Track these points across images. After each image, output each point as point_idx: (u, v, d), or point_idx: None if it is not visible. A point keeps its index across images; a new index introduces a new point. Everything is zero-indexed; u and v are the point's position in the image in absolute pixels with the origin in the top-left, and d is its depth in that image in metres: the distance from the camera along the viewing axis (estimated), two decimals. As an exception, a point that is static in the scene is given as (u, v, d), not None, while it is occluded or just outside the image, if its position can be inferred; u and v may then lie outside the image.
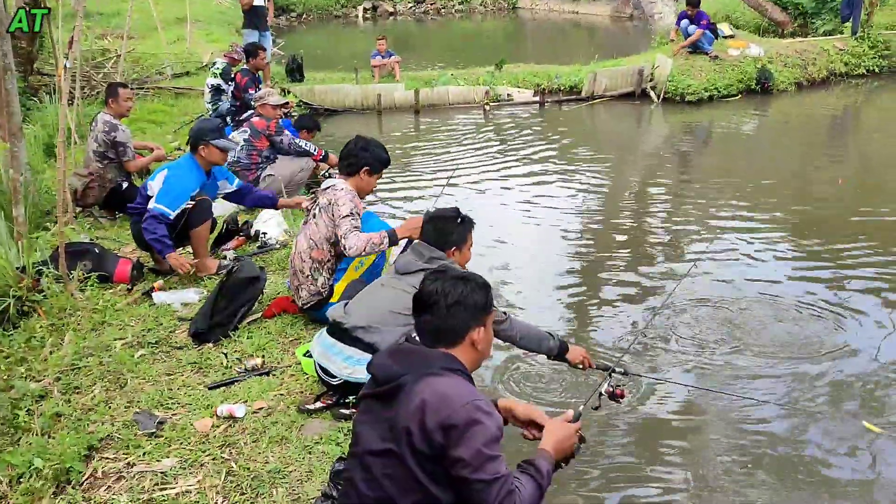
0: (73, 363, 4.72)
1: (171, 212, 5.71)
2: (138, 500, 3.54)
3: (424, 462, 2.48)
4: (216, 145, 5.89)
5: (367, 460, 2.58)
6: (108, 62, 14.20)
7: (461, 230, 4.13)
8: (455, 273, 2.80)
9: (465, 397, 2.52)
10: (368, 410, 2.66)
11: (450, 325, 2.70)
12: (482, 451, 2.46)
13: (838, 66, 16.67)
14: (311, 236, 5.07)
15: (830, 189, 10.09)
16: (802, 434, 4.87)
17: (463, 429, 2.46)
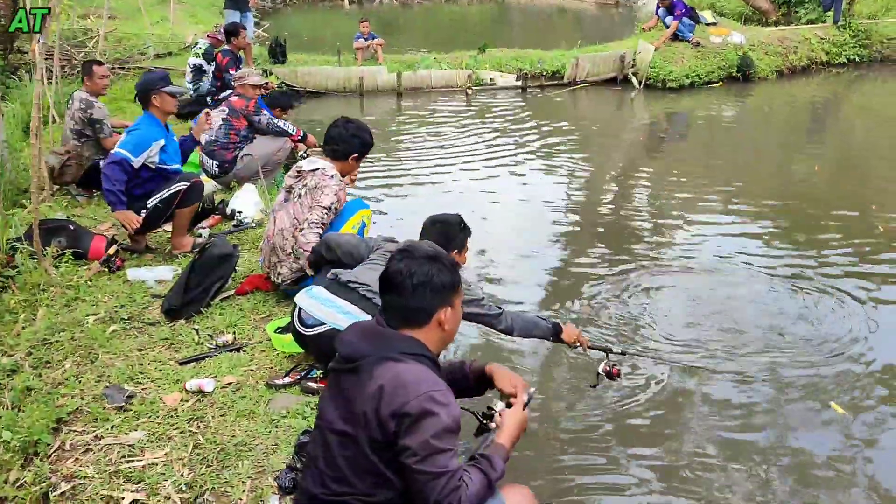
0: (45, 338, 4.73)
1: (133, 157, 5.73)
2: (105, 471, 3.58)
3: (378, 448, 2.49)
4: (167, 91, 5.93)
5: (327, 438, 2.60)
6: (90, 41, 14.12)
7: (462, 236, 4.32)
8: (422, 252, 2.75)
9: (422, 386, 2.50)
10: (334, 386, 2.68)
11: (416, 306, 2.66)
12: (431, 442, 2.44)
13: (819, 54, 16.76)
14: (296, 215, 5.10)
15: (808, 175, 10.18)
16: (776, 411, 4.96)
17: (415, 418, 2.45)
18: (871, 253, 7.36)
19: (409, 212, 8.35)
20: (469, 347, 5.69)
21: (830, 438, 4.70)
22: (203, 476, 3.55)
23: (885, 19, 18.03)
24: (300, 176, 5.22)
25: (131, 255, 6.12)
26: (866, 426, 4.80)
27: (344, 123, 5.20)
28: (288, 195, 5.25)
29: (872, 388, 5.21)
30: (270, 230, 5.26)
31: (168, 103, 5.98)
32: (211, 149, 7.90)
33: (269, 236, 5.26)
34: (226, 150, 7.91)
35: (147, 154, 5.81)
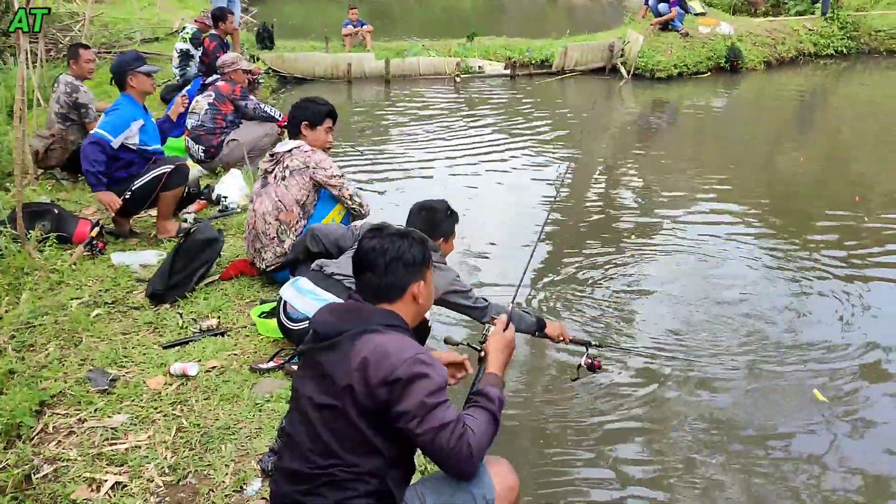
0: (28, 321, 4.71)
1: (111, 137, 5.73)
2: (88, 454, 3.57)
3: (369, 417, 2.51)
4: (141, 71, 5.93)
5: (310, 415, 2.60)
6: (76, 25, 14.03)
7: (450, 222, 4.33)
8: (392, 230, 2.81)
9: (406, 352, 2.54)
10: (310, 366, 2.69)
11: (390, 282, 2.71)
12: (426, 401, 2.48)
13: (807, 46, 16.84)
14: (279, 198, 5.07)
15: (793, 166, 10.23)
16: (758, 399, 4.98)
17: (406, 382, 2.48)
18: (855, 244, 7.40)
19: (395, 200, 8.36)
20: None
21: (812, 425, 4.72)
22: (186, 459, 3.55)
23: (873, 11, 18.10)
24: (276, 159, 5.19)
25: (116, 239, 6.10)
26: (847, 413, 4.83)
27: (296, 104, 5.30)
28: (265, 180, 5.22)
29: (854, 374, 5.24)
30: (252, 217, 5.23)
31: (144, 83, 5.96)
32: (197, 134, 7.87)
33: (251, 223, 5.23)
34: (212, 135, 7.88)
35: (126, 134, 5.80)
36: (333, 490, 2.53)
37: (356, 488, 2.52)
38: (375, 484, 2.54)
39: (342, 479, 2.52)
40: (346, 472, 2.52)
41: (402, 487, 2.60)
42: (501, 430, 2.67)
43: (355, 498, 2.52)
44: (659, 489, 4.19)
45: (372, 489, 2.54)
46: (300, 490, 2.58)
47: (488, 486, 2.64)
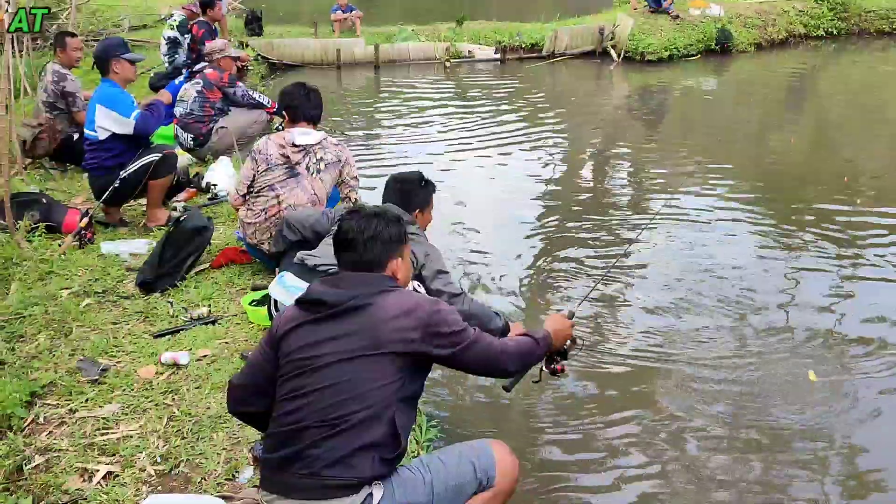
0: (18, 312, 4.70)
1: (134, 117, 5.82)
2: (79, 444, 3.57)
3: (398, 362, 2.66)
4: (126, 58, 5.91)
5: (319, 375, 2.65)
6: (63, 13, 13.93)
7: (425, 193, 4.26)
8: (369, 210, 2.94)
9: (425, 300, 2.81)
10: (313, 334, 2.71)
11: (369, 259, 2.84)
12: (458, 330, 2.78)
13: (797, 27, 16.83)
14: (315, 191, 5.04)
15: (784, 148, 10.23)
16: (753, 380, 4.96)
17: (437, 323, 2.73)
18: (846, 224, 7.41)
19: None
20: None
21: (807, 407, 4.72)
22: (178, 448, 3.56)
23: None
24: (305, 150, 5.08)
25: (105, 228, 6.09)
26: (841, 393, 4.83)
27: (307, 90, 5.25)
28: (293, 171, 5.07)
29: (848, 353, 5.25)
30: (272, 205, 5.05)
31: (127, 70, 5.94)
32: (186, 122, 7.84)
33: (271, 211, 5.05)
34: (200, 123, 7.85)
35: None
36: (343, 439, 2.59)
37: (365, 436, 2.60)
38: (385, 429, 2.62)
39: (354, 425, 2.59)
40: (361, 414, 2.60)
41: (405, 435, 2.71)
42: (497, 419, 2.71)
43: (363, 449, 2.59)
44: (654, 477, 4.18)
45: (380, 436, 2.61)
46: (308, 444, 2.60)
47: (490, 463, 2.79)
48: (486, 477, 2.75)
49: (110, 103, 5.76)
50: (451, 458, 2.79)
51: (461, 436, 4.09)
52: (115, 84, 5.86)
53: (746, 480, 4.08)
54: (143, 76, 10.53)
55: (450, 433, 4.23)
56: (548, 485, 4.05)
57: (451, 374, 5.04)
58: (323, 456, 2.58)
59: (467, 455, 2.79)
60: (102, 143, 5.83)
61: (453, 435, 4.19)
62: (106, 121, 5.78)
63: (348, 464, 2.57)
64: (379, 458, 2.61)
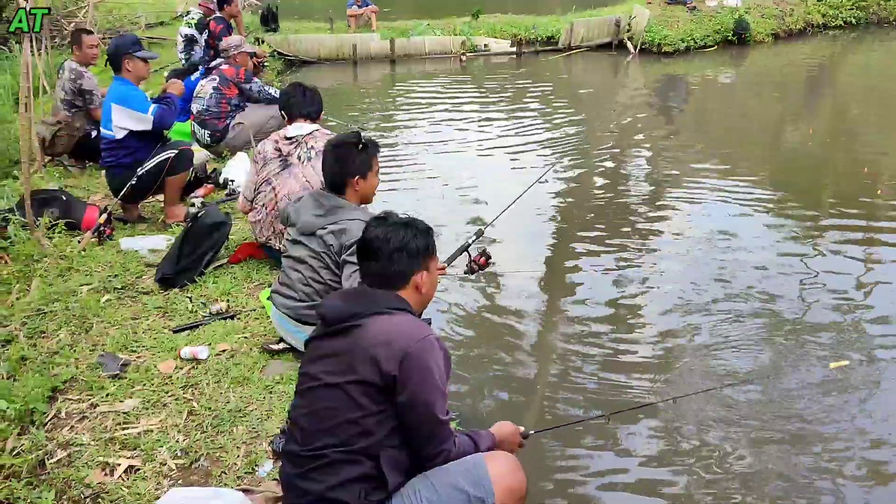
0: (39, 308, 4.74)
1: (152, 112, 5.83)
2: (100, 438, 3.59)
3: (372, 394, 2.53)
4: (139, 56, 5.93)
5: (310, 396, 2.63)
6: (80, 11, 14.01)
7: (364, 157, 3.97)
8: (397, 219, 2.84)
9: (417, 332, 2.59)
10: (317, 350, 2.71)
11: (393, 271, 2.75)
12: (429, 385, 2.54)
13: (816, 17, 16.72)
14: (307, 179, 5.03)
15: (802, 139, 10.17)
16: (774, 379, 4.92)
17: (416, 362, 2.52)
18: (866, 214, 7.36)
19: (401, 182, 8.36)
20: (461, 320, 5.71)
21: (829, 397, 4.69)
22: (198, 442, 3.57)
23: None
24: (296, 142, 5.15)
25: (124, 224, 6.12)
26: (864, 383, 4.80)
27: (303, 88, 5.28)
28: (286, 161, 5.14)
29: (872, 344, 5.21)
30: (270, 199, 5.13)
31: (140, 68, 5.95)
32: (202, 118, 7.87)
33: (270, 205, 5.13)
34: (217, 119, 7.88)
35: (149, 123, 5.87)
36: (326, 474, 2.54)
37: (349, 472, 2.53)
38: (369, 467, 2.54)
39: (335, 461, 2.53)
40: (340, 453, 2.53)
41: (395, 472, 2.58)
42: (510, 412, 2.70)
43: (348, 483, 2.52)
44: (675, 474, 4.16)
45: (365, 472, 2.53)
46: (296, 474, 2.60)
47: (486, 488, 2.60)
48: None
49: (125, 101, 5.78)
50: (444, 487, 2.60)
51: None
52: (127, 82, 5.89)
53: (768, 472, 4.07)
54: (159, 73, 10.56)
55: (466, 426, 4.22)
56: (564, 483, 4.05)
57: (467, 364, 5.07)
58: (310, 489, 2.55)
59: (461, 483, 2.60)
60: (120, 142, 5.85)
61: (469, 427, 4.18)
62: (123, 119, 5.80)
63: (334, 498, 2.52)
64: (366, 490, 2.54)
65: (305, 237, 4.04)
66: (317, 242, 3.96)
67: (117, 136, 5.84)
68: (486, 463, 2.66)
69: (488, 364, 5.12)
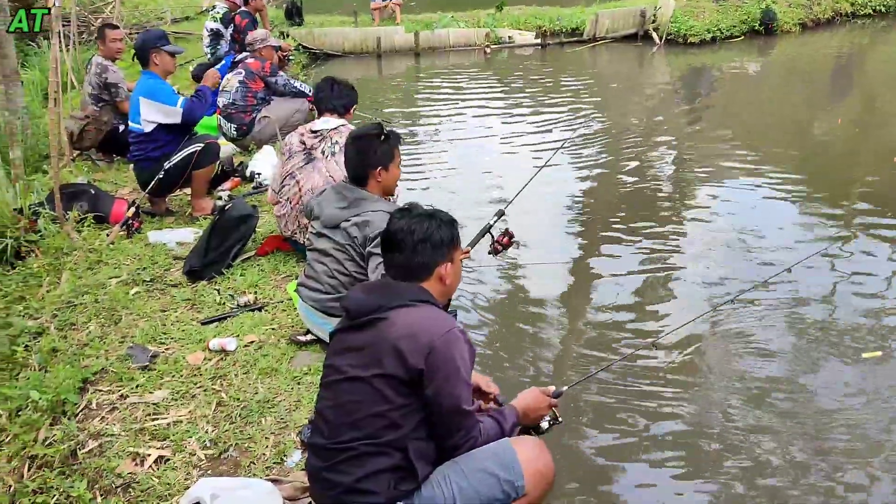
0: (69, 301, 4.80)
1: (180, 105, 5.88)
2: (131, 429, 3.63)
3: (398, 388, 2.54)
4: (166, 50, 5.96)
5: (336, 389, 2.64)
6: (107, 7, 14.12)
7: (385, 148, 3.98)
8: (421, 210, 2.84)
9: (442, 324, 2.59)
10: (341, 343, 2.72)
11: (417, 262, 2.75)
12: (455, 378, 2.55)
13: (844, 6, 16.50)
14: (330, 174, 5.03)
15: (830, 129, 10.06)
16: (805, 370, 4.88)
17: (441, 355, 2.52)
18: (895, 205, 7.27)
19: (426, 175, 8.36)
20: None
21: (858, 391, 4.65)
22: (227, 432, 3.60)
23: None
24: (320, 135, 5.16)
25: (152, 217, 6.17)
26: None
27: (332, 82, 5.25)
28: (311, 156, 5.17)
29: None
30: (294, 193, 5.16)
31: (168, 62, 5.99)
32: (229, 112, 7.91)
33: (294, 199, 5.17)
34: (244, 113, 7.91)
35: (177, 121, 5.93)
36: (354, 466, 2.55)
37: (377, 463, 2.54)
38: (398, 458, 2.55)
39: (363, 454, 2.54)
40: (367, 446, 2.54)
41: (424, 463, 2.60)
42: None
43: (376, 474, 2.53)
44: (700, 462, 4.16)
45: (394, 464, 2.55)
46: (324, 466, 2.61)
47: (516, 471, 2.65)
48: (513, 489, 2.63)
49: (153, 95, 5.82)
50: (474, 472, 2.63)
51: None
52: (155, 76, 5.92)
53: (795, 466, 4.04)
54: (184, 68, 10.61)
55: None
56: (591, 477, 4.05)
57: (497, 347, 5.08)
58: (339, 481, 2.56)
59: (490, 467, 2.63)
60: (148, 135, 5.89)
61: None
62: (152, 113, 5.84)
63: (363, 489, 2.53)
64: (395, 480, 2.55)
65: (329, 230, 4.04)
66: (341, 235, 3.97)
67: (145, 129, 5.87)
68: (514, 447, 2.68)
69: (511, 357, 5.12)
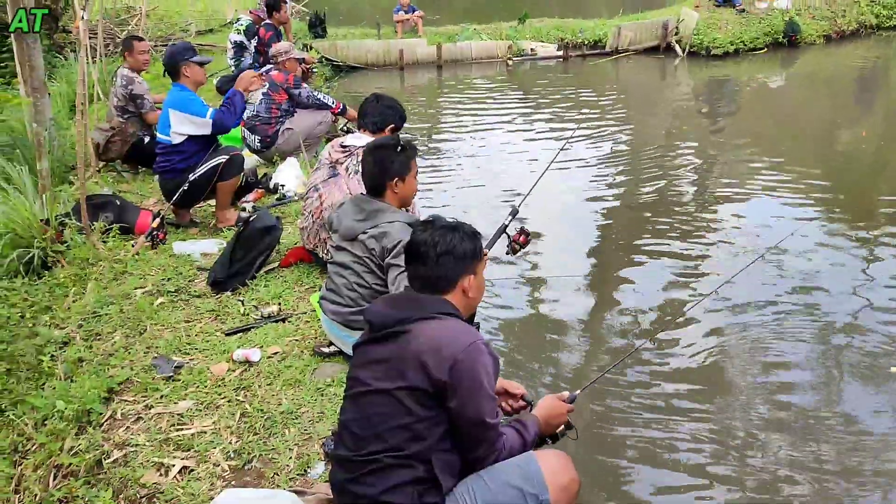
0: (94, 311, 4.83)
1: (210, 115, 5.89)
2: (155, 439, 3.64)
3: (422, 400, 2.54)
4: (196, 61, 6.01)
5: (360, 401, 2.64)
6: (133, 19, 14.27)
7: (403, 159, 3.98)
8: (444, 222, 2.84)
9: (466, 337, 2.59)
10: (364, 355, 2.72)
11: (440, 274, 2.75)
12: (479, 391, 2.55)
13: (869, 18, 16.40)
14: (350, 191, 5.00)
15: (855, 141, 9.99)
16: (830, 383, 4.86)
17: (466, 367, 2.53)
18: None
19: (445, 187, 8.37)
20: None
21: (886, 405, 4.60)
22: (251, 443, 3.60)
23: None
24: (348, 151, 5.14)
25: (176, 229, 6.21)
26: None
27: (376, 98, 5.16)
28: (334, 171, 5.17)
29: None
30: (316, 207, 5.17)
31: (198, 73, 6.04)
32: (252, 124, 7.96)
33: (315, 212, 5.17)
34: (267, 125, 7.95)
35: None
36: (379, 477, 2.55)
37: (402, 475, 2.54)
38: (422, 470, 2.55)
39: (388, 466, 2.54)
40: (392, 458, 2.54)
41: (448, 476, 2.60)
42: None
43: (401, 486, 2.53)
44: (722, 472, 4.13)
45: (418, 476, 2.55)
46: (348, 479, 2.61)
47: (540, 484, 2.65)
48: (538, 502, 2.63)
49: (183, 106, 5.86)
50: (498, 485, 2.63)
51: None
52: (185, 88, 5.97)
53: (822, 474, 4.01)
54: (209, 80, 10.67)
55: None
56: (616, 482, 4.03)
57: (516, 354, 5.06)
58: (364, 493, 2.56)
59: (515, 481, 2.64)
60: (176, 147, 5.93)
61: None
62: (182, 125, 5.88)
63: (388, 501, 2.53)
64: (420, 493, 2.55)
65: (348, 242, 4.05)
66: (359, 247, 3.98)
67: (174, 141, 5.92)
68: (538, 460, 2.68)
69: (528, 368, 5.12)
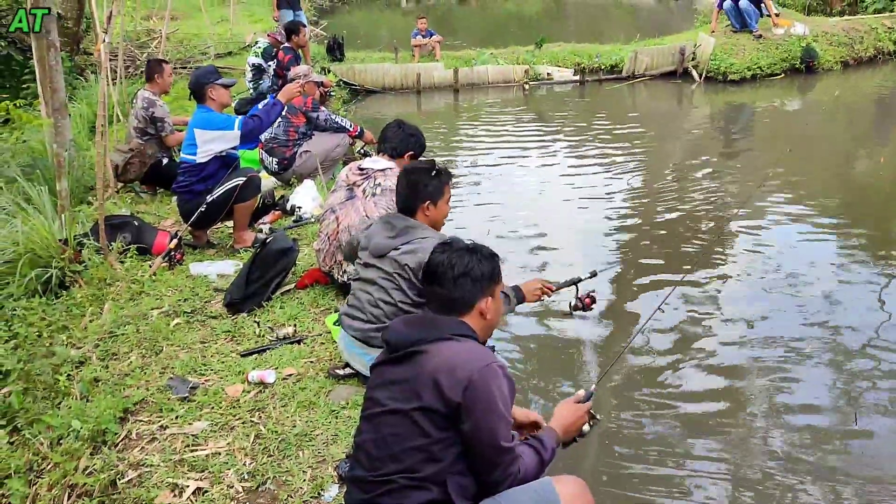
0: (111, 331, 4.85)
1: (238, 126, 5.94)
2: (170, 460, 3.65)
3: (437, 421, 2.54)
4: (221, 84, 6.08)
5: (376, 422, 2.65)
6: (153, 42, 14.42)
7: (437, 183, 4.02)
8: (461, 244, 2.85)
9: (481, 359, 2.59)
10: (381, 375, 2.73)
11: (457, 296, 2.76)
12: (494, 413, 2.54)
13: (887, 44, 16.32)
14: (367, 213, 5.02)
15: (873, 168, 9.95)
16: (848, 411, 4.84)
17: (480, 389, 2.52)
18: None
19: (466, 209, 8.38)
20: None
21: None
22: (265, 465, 3.60)
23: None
24: (366, 174, 5.16)
25: (193, 250, 6.24)
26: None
27: (399, 124, 5.19)
28: (351, 193, 5.19)
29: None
30: (332, 229, 5.19)
31: (223, 95, 6.10)
32: (271, 146, 8.01)
33: (331, 234, 5.19)
34: (285, 148, 8.00)
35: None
36: (395, 499, 2.54)
37: (417, 497, 2.53)
38: (437, 492, 2.54)
39: (403, 487, 2.54)
40: (407, 479, 2.54)
41: (462, 499, 2.58)
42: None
43: None
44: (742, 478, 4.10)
45: (433, 498, 2.54)
46: (363, 499, 2.61)
47: None
48: None
49: (208, 125, 5.92)
50: None
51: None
52: (209, 109, 6.02)
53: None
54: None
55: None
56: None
57: (529, 370, 5.05)
58: None
59: None
60: (198, 166, 5.98)
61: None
62: (210, 143, 5.94)
63: None
64: None
65: (377, 259, 4.05)
66: (389, 264, 3.98)
67: (199, 159, 5.96)
68: (555, 487, 2.65)
69: (543, 388, 5.11)
